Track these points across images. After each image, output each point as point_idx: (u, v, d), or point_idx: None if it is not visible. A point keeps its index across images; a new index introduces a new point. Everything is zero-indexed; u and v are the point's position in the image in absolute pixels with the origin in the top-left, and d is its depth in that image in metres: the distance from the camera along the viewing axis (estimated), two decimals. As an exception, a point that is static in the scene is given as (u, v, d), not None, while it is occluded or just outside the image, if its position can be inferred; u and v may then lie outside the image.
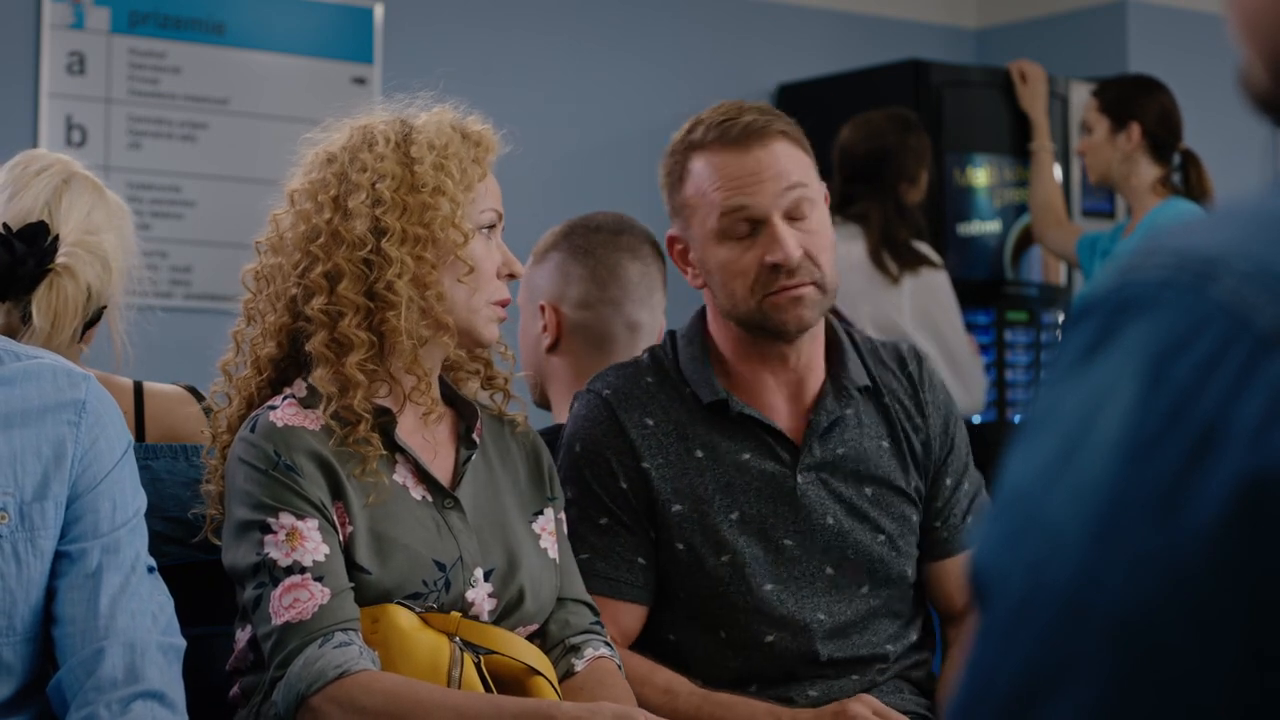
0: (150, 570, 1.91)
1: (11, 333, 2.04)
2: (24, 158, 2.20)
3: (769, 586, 2.23)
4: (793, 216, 2.21)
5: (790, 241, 2.19)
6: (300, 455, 1.99)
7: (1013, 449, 0.70)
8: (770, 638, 2.23)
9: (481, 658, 2.01)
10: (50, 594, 1.85)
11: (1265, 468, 0.62)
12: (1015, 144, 5.11)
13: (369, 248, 2.02)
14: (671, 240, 2.31)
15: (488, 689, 1.99)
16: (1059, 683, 0.65)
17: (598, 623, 2.17)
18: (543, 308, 2.64)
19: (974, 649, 0.69)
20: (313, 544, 1.96)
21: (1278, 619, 0.62)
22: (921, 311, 4.39)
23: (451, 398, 2.17)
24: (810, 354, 2.29)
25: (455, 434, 2.14)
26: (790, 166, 2.22)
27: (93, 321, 2.14)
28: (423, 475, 2.07)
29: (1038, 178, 4.90)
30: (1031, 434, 0.70)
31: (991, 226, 5.11)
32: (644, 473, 2.26)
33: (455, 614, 2.02)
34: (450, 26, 5.14)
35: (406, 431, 2.08)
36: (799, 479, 2.26)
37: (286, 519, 1.96)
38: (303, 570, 1.94)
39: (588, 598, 2.18)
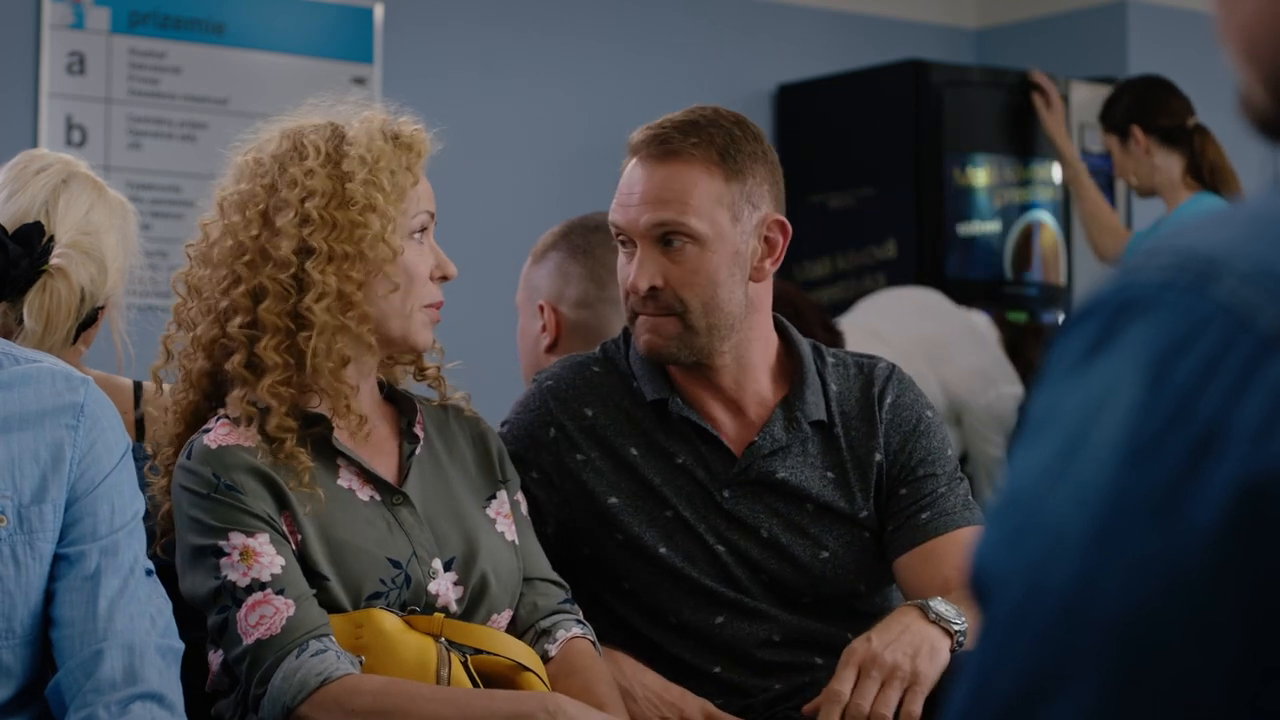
0: (149, 573, 1.91)
1: (7, 334, 2.04)
2: (25, 157, 2.19)
3: (708, 581, 2.21)
4: (666, 245, 2.15)
5: (643, 270, 2.15)
6: (239, 473, 1.98)
7: (1014, 449, 0.70)
8: (720, 619, 2.22)
9: (469, 657, 2.01)
10: (49, 596, 1.85)
11: (1266, 470, 0.62)
12: (1015, 144, 5.11)
13: (294, 268, 2.00)
14: None
15: (477, 688, 1.98)
16: (1058, 685, 0.65)
17: (568, 600, 2.15)
18: (541, 307, 2.64)
19: (974, 650, 0.69)
20: (267, 558, 1.95)
21: (1276, 621, 0.62)
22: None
23: (390, 393, 2.16)
24: (744, 381, 2.24)
25: (397, 429, 2.13)
26: (676, 194, 2.14)
27: (88, 323, 2.13)
28: (368, 476, 2.06)
29: (1079, 197, 4.83)
30: (1032, 435, 0.69)
31: (991, 226, 5.11)
32: (574, 466, 2.23)
33: (439, 615, 2.01)
34: (450, 26, 5.14)
35: (346, 435, 2.07)
36: (725, 493, 2.22)
37: (237, 538, 1.95)
38: (263, 586, 1.93)
39: (554, 575, 2.16)
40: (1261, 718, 0.62)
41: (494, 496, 2.15)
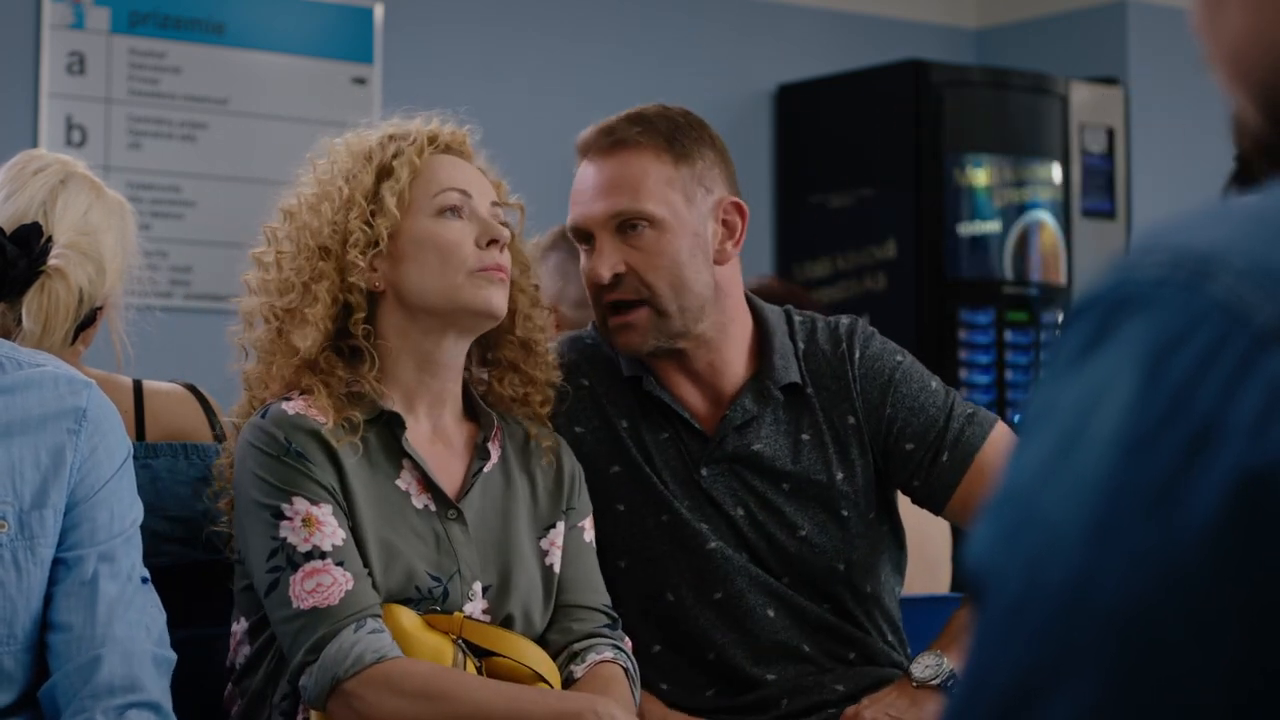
0: (144, 582, 1.91)
1: (6, 335, 2.04)
2: (23, 158, 2.19)
3: (712, 545, 2.22)
4: (625, 233, 2.18)
5: (603, 259, 2.18)
6: (310, 442, 1.99)
7: (1012, 446, 0.70)
8: (718, 595, 2.22)
9: (484, 661, 2.01)
10: (46, 600, 1.85)
11: (1262, 464, 0.62)
12: (1015, 144, 5.11)
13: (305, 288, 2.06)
14: None
15: None
16: (1056, 681, 0.65)
17: (608, 626, 2.14)
18: (542, 307, 2.64)
19: (971, 647, 0.69)
20: (329, 529, 1.96)
21: (1275, 616, 0.62)
22: None
23: (473, 409, 2.16)
24: (719, 365, 2.26)
25: (473, 443, 2.14)
26: (628, 181, 2.18)
27: (87, 323, 2.13)
28: (428, 483, 2.06)
29: None
30: (1029, 431, 0.69)
31: (991, 226, 5.12)
32: (572, 440, 2.25)
33: (459, 615, 2.01)
34: (450, 26, 5.14)
35: (418, 438, 2.08)
36: (703, 471, 2.24)
37: (300, 504, 1.96)
38: (323, 555, 1.94)
39: (604, 603, 2.15)
40: (1260, 713, 0.62)
41: (553, 526, 2.15)
